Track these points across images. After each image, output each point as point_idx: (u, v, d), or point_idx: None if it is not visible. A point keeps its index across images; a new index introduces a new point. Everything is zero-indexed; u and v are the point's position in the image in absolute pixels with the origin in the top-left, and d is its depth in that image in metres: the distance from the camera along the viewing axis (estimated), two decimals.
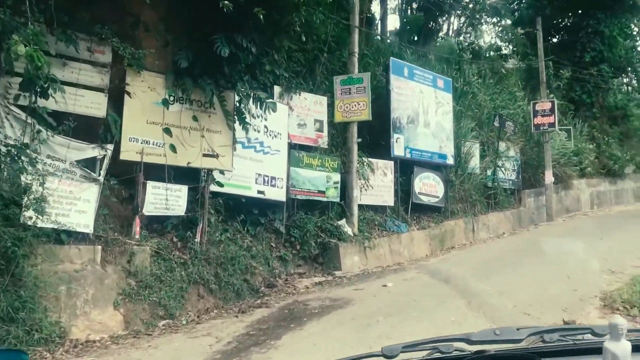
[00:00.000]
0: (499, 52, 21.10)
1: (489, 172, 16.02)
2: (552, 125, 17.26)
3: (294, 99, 10.94)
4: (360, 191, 11.55)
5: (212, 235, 7.87)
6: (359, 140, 11.51)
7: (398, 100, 12.76)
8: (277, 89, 10.55)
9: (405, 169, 13.01)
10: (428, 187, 13.39)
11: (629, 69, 25.94)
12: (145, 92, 7.00)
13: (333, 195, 10.90)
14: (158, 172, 7.22)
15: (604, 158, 21.69)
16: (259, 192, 9.29)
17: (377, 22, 20.95)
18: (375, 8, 21.18)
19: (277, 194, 9.69)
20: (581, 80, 21.69)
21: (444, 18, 20.59)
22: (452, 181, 14.23)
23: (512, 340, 1.60)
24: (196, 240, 7.53)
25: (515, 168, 17.45)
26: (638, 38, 25.95)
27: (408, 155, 12.89)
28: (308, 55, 12.20)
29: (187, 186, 7.49)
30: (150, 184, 7.07)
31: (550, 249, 10.36)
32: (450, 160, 14.25)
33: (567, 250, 9.87)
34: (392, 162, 12.52)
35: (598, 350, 1.37)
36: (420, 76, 13.61)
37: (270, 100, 8.24)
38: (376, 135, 12.88)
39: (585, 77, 21.63)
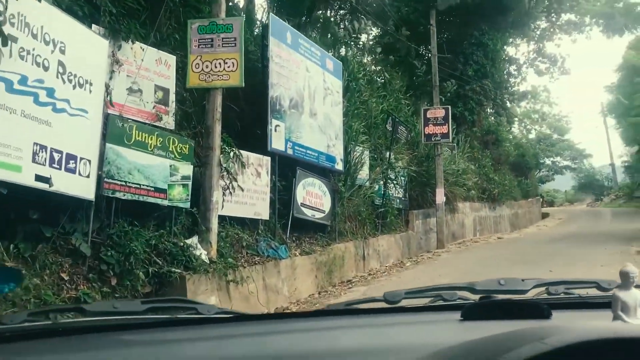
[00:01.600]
0: (380, 55, 18.78)
1: (376, 187, 13.18)
2: (445, 135, 15.07)
3: (124, 49, 6.98)
4: (224, 195, 7.80)
5: None
6: (224, 132, 7.81)
7: (279, 73, 9.31)
8: (95, 29, 6.55)
9: (286, 171, 9.55)
10: (313, 197, 10.02)
11: (497, 94, 25.46)
12: None
13: (180, 197, 7.00)
14: None
15: (483, 181, 20.26)
16: (40, 178, 5.10)
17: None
18: None
19: (78, 185, 5.58)
20: (464, 96, 20.22)
21: (321, 10, 17.78)
22: (341, 192, 11.05)
23: (517, 291, 1.62)
24: None
25: (403, 184, 14.90)
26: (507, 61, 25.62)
27: (290, 152, 9.44)
28: None
29: None
30: None
31: None
32: (339, 166, 11.09)
33: None
34: (268, 159, 8.98)
35: (604, 304, 1.36)
36: (307, 49, 10.35)
37: None
38: (248, 122, 9.35)
39: (468, 93, 20.21)
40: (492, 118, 26.11)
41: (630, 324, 1.13)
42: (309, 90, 10.22)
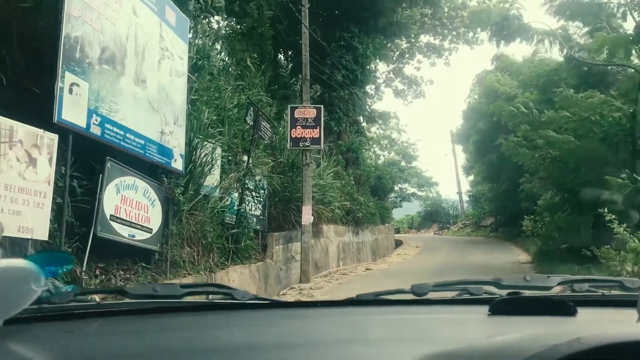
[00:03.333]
0: (238, 41, 15.71)
1: (229, 199, 10.02)
2: (316, 141, 12.39)
3: None
4: None
5: None
6: None
7: (84, 3, 5.80)
8: None
9: (88, 162, 6.02)
10: (134, 208, 6.59)
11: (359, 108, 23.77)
12: None
13: None
14: None
15: (347, 202, 17.98)
16: None
17: None
18: None
19: None
20: (330, 103, 17.88)
21: None
22: (178, 203, 7.70)
23: (542, 287, 1.67)
24: None
25: (263, 198, 11.90)
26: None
27: (96, 130, 5.90)
28: None
29: None
30: None
31: None
32: (178, 164, 7.74)
33: None
34: (55, 138, 5.39)
35: (627, 303, 1.42)
36: None
37: None
38: (21, 72, 5.66)
39: (335, 100, 17.93)
40: (353, 135, 24.37)
41: None
42: (136, 44, 6.80)
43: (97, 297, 1.53)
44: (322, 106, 12.70)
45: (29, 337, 1.27)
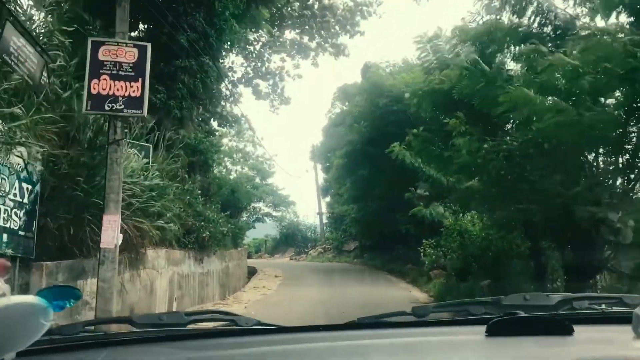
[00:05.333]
0: None
1: None
2: (135, 103, 7.26)
3: None
4: None
5: None
6: None
7: None
8: None
9: None
10: None
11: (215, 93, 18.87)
12: None
13: None
14: None
15: (189, 217, 12.91)
16: None
17: None
18: None
19: None
20: (170, 75, 12.78)
21: None
22: None
23: (541, 306, 1.68)
24: None
25: (26, 200, 6.59)
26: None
27: None
28: None
29: None
30: None
31: None
32: None
33: None
34: None
35: (627, 319, 1.40)
36: None
37: None
38: None
39: (178, 72, 12.87)
40: (202, 135, 19.27)
41: None
42: None
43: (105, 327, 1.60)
44: (149, 44, 7.65)
45: None
